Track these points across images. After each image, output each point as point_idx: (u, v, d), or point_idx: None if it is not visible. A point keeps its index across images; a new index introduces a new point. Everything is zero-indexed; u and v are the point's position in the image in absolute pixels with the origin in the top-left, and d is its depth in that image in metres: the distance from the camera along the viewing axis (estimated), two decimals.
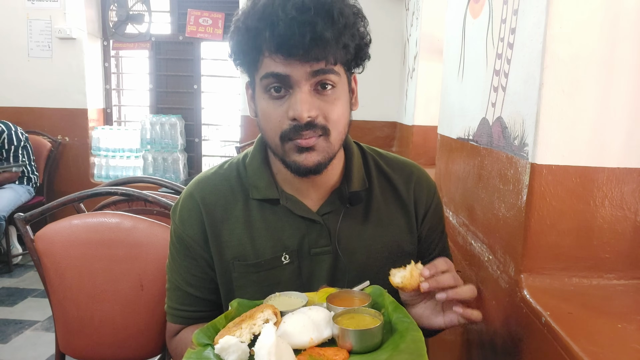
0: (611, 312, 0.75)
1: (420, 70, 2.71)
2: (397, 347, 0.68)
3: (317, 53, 0.73)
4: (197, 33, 3.96)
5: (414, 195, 0.94)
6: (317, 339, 0.70)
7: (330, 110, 0.78)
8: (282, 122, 0.77)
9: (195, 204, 0.89)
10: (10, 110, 3.87)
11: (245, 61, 0.80)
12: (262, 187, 0.88)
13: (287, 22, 0.71)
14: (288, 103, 0.77)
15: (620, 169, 0.81)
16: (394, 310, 0.75)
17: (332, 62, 0.75)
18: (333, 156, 0.82)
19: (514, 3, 0.93)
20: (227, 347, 0.67)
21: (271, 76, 0.76)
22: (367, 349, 0.69)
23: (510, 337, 0.89)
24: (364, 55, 0.83)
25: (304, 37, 0.71)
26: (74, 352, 1.31)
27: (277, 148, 0.81)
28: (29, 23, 3.85)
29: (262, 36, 0.74)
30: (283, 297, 0.80)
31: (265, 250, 0.87)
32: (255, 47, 0.76)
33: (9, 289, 3.18)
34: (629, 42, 0.78)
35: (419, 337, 0.69)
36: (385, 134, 3.70)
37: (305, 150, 0.78)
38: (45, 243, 1.27)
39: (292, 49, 0.72)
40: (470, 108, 1.22)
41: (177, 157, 4.01)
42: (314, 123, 0.77)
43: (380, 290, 0.80)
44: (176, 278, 0.92)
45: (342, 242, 0.88)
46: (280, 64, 0.74)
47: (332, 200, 0.89)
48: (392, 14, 3.46)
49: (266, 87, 0.78)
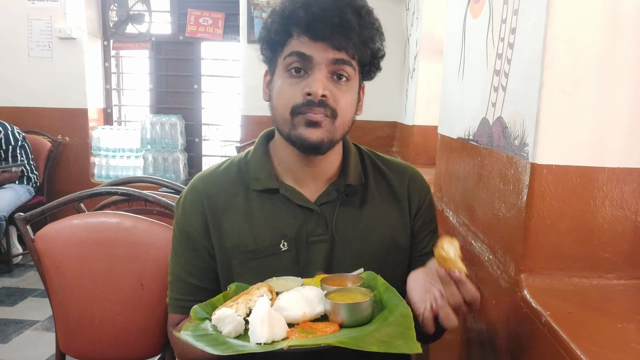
0: (611, 312, 0.75)
1: (421, 70, 2.71)
2: (386, 320, 0.71)
3: (341, 40, 0.81)
4: (197, 33, 3.96)
5: (408, 191, 0.98)
6: (310, 313, 0.73)
7: (341, 97, 0.85)
8: (296, 97, 0.83)
9: (197, 196, 0.93)
10: (10, 110, 3.86)
11: (273, 42, 0.86)
12: (263, 178, 0.92)
13: (320, 5, 0.80)
14: (306, 82, 0.83)
15: (620, 169, 0.81)
16: (385, 290, 0.79)
17: (351, 54, 0.83)
18: (335, 142, 0.87)
19: (514, 3, 0.93)
20: (224, 318, 0.71)
21: (295, 54, 0.83)
22: (357, 323, 0.72)
23: (510, 337, 0.89)
24: (377, 64, 0.91)
25: (332, 20, 0.79)
26: (74, 352, 1.31)
27: (285, 122, 0.86)
28: (29, 23, 3.85)
29: (295, 16, 0.82)
30: (280, 281, 0.84)
31: (264, 238, 0.90)
32: (286, 28, 0.83)
33: (9, 288, 3.18)
34: (629, 42, 0.78)
35: (407, 312, 0.72)
36: (386, 134, 3.70)
37: (312, 125, 0.83)
38: (45, 243, 1.27)
39: (320, 31, 0.80)
40: (470, 108, 1.23)
41: (177, 157, 4.01)
42: (326, 102, 0.83)
43: (373, 275, 0.84)
44: (178, 269, 0.95)
45: (339, 231, 0.92)
46: (306, 44, 0.82)
47: (330, 192, 0.93)
48: (393, 14, 3.47)
49: (288, 65, 0.84)
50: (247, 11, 3.73)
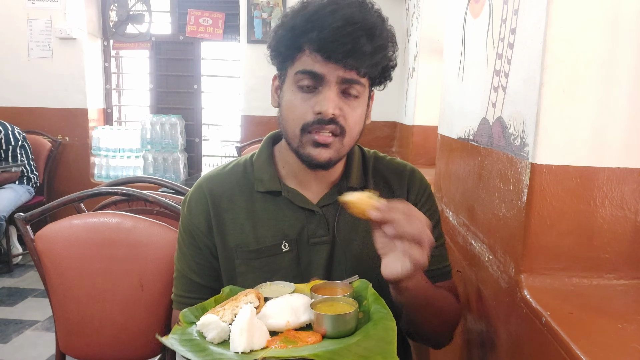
0: (611, 312, 0.75)
1: (421, 70, 2.71)
2: (368, 334, 0.71)
3: (352, 63, 0.81)
4: (197, 33, 3.96)
5: (407, 189, 0.99)
6: (294, 322, 0.74)
7: (350, 114, 0.85)
8: (306, 114, 0.84)
9: (202, 195, 0.95)
10: (10, 110, 3.87)
11: (284, 55, 0.87)
12: (266, 180, 0.94)
13: (334, 29, 0.79)
14: (316, 99, 0.83)
15: (620, 169, 0.81)
16: (374, 301, 0.79)
17: (362, 74, 0.84)
18: (342, 157, 0.90)
19: (514, 3, 0.93)
20: (208, 324, 0.73)
21: (307, 73, 0.83)
22: (340, 334, 0.72)
23: (510, 337, 0.89)
24: (388, 76, 0.91)
25: (345, 46, 0.79)
26: (74, 352, 1.31)
27: (294, 138, 0.87)
28: (29, 23, 3.85)
29: (307, 35, 0.81)
30: (273, 286, 0.85)
31: (266, 238, 0.92)
32: (297, 44, 0.83)
33: (9, 289, 3.18)
34: (629, 42, 0.78)
35: (391, 326, 0.72)
36: (386, 134, 3.70)
37: (320, 145, 0.85)
38: (45, 243, 1.27)
39: (332, 53, 0.80)
40: (470, 108, 1.23)
41: (177, 157, 4.01)
42: (336, 120, 0.84)
43: (366, 284, 0.83)
44: (182, 266, 0.97)
45: (340, 233, 0.93)
46: (318, 63, 0.82)
47: (332, 194, 0.94)
48: (393, 14, 3.45)
49: (298, 81, 0.85)
50: (247, 11, 3.73)
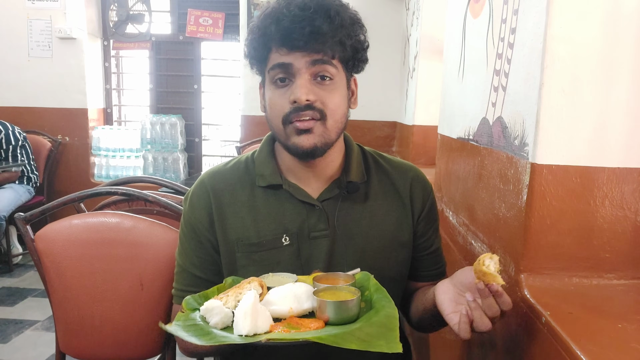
0: (611, 312, 0.75)
1: (421, 70, 2.71)
2: (370, 320, 0.72)
3: (316, 45, 0.83)
4: (197, 33, 3.96)
5: (411, 191, 1.00)
6: (297, 309, 0.75)
7: (327, 98, 0.86)
8: (284, 107, 0.86)
9: (204, 190, 0.96)
10: (10, 110, 3.86)
11: (257, 58, 0.90)
12: (268, 174, 0.95)
13: (290, 18, 0.82)
14: (290, 90, 0.86)
15: (620, 168, 0.81)
16: (376, 291, 0.80)
17: (329, 55, 0.85)
18: (330, 143, 0.89)
19: (514, 3, 0.93)
20: (211, 309, 0.73)
21: (277, 67, 0.86)
22: (342, 321, 0.73)
23: (510, 337, 0.89)
24: (361, 57, 0.92)
25: (303, 30, 0.81)
26: (74, 352, 1.31)
27: (280, 132, 0.89)
28: (29, 23, 3.85)
29: (269, 32, 0.84)
30: (275, 277, 0.86)
31: (266, 232, 0.93)
32: (265, 44, 0.86)
33: (9, 288, 3.18)
34: (629, 42, 0.78)
35: (393, 313, 0.73)
36: (385, 134, 3.70)
37: (303, 132, 0.86)
38: (45, 243, 1.27)
39: (294, 42, 0.83)
40: (470, 108, 1.23)
41: (177, 157, 4.01)
42: (312, 106, 0.85)
43: (368, 276, 0.85)
44: (184, 261, 0.98)
45: (340, 227, 0.94)
46: (284, 55, 0.84)
47: (332, 189, 0.95)
48: (393, 14, 3.46)
49: (273, 78, 0.87)
50: (247, 11, 3.73)
